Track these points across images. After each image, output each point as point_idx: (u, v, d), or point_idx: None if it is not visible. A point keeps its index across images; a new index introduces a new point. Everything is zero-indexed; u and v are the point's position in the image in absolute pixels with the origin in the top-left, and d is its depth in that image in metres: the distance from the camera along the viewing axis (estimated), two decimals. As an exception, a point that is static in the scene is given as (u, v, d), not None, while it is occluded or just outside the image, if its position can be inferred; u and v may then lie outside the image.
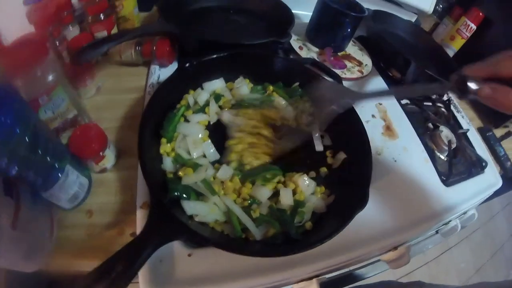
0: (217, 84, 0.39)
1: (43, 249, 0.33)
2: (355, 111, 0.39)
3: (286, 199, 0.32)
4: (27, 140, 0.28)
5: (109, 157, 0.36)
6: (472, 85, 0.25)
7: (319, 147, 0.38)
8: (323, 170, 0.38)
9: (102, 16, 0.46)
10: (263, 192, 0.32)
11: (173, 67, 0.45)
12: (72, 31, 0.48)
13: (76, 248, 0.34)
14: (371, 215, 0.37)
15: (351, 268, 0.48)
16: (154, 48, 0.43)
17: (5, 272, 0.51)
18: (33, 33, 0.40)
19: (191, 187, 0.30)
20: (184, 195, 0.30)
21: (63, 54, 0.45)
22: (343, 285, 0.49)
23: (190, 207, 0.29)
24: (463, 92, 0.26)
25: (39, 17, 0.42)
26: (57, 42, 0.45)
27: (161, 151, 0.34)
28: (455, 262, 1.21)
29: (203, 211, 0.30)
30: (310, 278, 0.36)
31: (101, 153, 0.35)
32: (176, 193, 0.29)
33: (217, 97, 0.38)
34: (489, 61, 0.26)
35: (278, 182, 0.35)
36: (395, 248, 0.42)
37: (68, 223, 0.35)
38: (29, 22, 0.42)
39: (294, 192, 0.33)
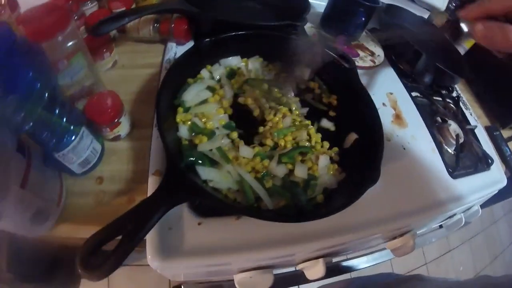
0: (234, 61, 0.40)
1: (50, 214, 0.33)
2: (369, 95, 0.40)
3: (301, 173, 0.32)
4: (46, 98, 0.29)
5: (123, 125, 0.37)
6: (465, 26, 0.25)
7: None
8: (335, 149, 0.38)
9: (121, -7, 0.47)
10: (280, 169, 0.33)
11: (189, 46, 0.45)
12: (91, 7, 0.49)
13: (84, 214, 0.34)
14: (379, 197, 0.38)
15: (356, 254, 0.48)
16: (172, 25, 0.44)
17: (6, 249, 0.51)
18: (54, 0, 0.41)
19: (206, 154, 0.31)
20: (199, 161, 0.30)
21: (80, 30, 0.46)
22: (343, 272, 0.49)
23: (205, 172, 0.30)
24: (457, 34, 0.26)
25: (59, -8, 0.43)
26: (76, 18, 0.46)
27: (178, 119, 0.34)
28: (454, 265, 1.20)
29: (217, 178, 0.30)
30: (317, 258, 0.36)
31: (116, 120, 0.35)
32: (191, 159, 0.30)
33: (230, 73, 0.39)
34: (480, 1, 0.26)
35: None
36: (401, 235, 0.42)
37: (78, 190, 0.35)
38: (50, -4, 0.43)
39: (309, 168, 0.34)
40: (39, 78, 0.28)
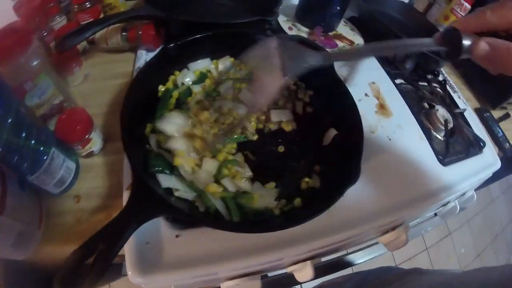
0: (203, 64, 0.39)
1: (33, 237, 0.33)
2: (346, 87, 0.39)
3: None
4: (10, 123, 0.28)
5: (95, 141, 0.36)
6: (466, 41, 0.21)
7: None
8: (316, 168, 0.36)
9: (88, 4, 0.46)
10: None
11: (160, 51, 0.45)
12: (59, 22, 0.48)
13: (65, 234, 0.34)
14: (367, 193, 0.37)
15: (349, 251, 0.47)
16: (140, 32, 0.43)
17: (3, 268, 0.51)
18: (17, 21, 0.40)
19: (168, 161, 0.30)
20: (159, 168, 0.29)
21: (51, 45, 0.45)
22: (340, 269, 0.48)
23: (165, 180, 0.29)
24: (456, 50, 0.21)
25: (26, 10, 0.43)
26: (45, 33, 0.45)
27: (147, 130, 0.33)
28: (455, 247, 1.19)
29: (180, 186, 0.29)
30: (304, 260, 0.35)
31: (86, 136, 0.35)
32: (155, 168, 0.29)
33: (202, 77, 0.37)
34: (479, 12, 0.22)
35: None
36: (393, 229, 0.41)
37: (57, 210, 0.35)
38: (17, 15, 0.43)
39: None
40: (-1, 106, 0.27)
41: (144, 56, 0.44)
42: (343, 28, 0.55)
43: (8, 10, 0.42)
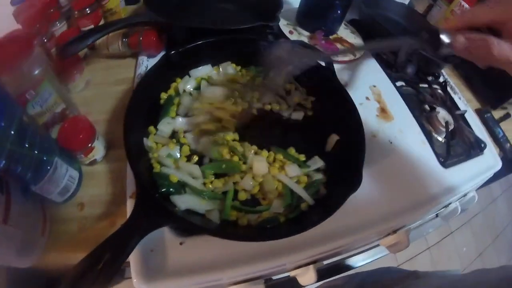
0: (204, 70, 0.39)
1: (36, 244, 0.33)
2: (347, 92, 0.39)
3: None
4: (12, 134, 0.28)
5: (98, 149, 0.36)
6: (445, 38, 0.24)
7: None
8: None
9: (88, 10, 0.46)
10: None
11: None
12: (60, 28, 0.48)
13: (69, 241, 0.34)
14: (368, 198, 0.37)
15: (350, 253, 0.48)
16: (141, 38, 0.43)
17: (6, 272, 0.51)
18: (18, 29, 0.40)
19: (179, 182, 0.30)
20: (172, 190, 0.29)
21: (52, 51, 0.45)
22: (341, 272, 0.48)
23: (181, 201, 0.29)
24: (436, 46, 0.24)
25: (26, 16, 0.42)
26: (45, 39, 0.45)
27: (150, 138, 0.33)
28: (457, 247, 1.19)
29: (194, 204, 0.30)
30: (307, 264, 0.36)
31: (89, 145, 0.35)
32: (164, 189, 0.29)
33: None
34: (462, 13, 0.25)
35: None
36: (394, 232, 0.42)
37: (61, 217, 0.35)
38: (17, 21, 0.42)
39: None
40: (2, 115, 0.27)
41: (145, 62, 0.44)
42: (344, 31, 0.55)
43: (8, 17, 0.42)
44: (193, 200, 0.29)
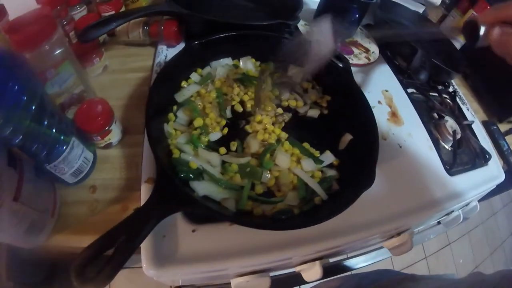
0: (224, 62, 0.39)
1: (45, 225, 0.33)
2: (363, 93, 0.39)
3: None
4: (33, 110, 0.28)
5: (115, 132, 0.36)
6: (482, 29, 0.25)
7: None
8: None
9: (110, -4, 0.46)
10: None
11: (180, 47, 0.45)
12: (80, 12, 0.48)
13: (78, 224, 0.34)
14: (377, 198, 0.37)
15: (354, 253, 0.48)
16: (162, 28, 0.43)
17: (6, 257, 0.51)
18: (41, 8, 0.40)
19: (198, 169, 0.30)
20: (191, 175, 0.30)
21: (70, 35, 0.45)
22: (343, 271, 0.49)
23: (200, 187, 0.29)
24: (474, 36, 0.25)
25: (46, -2, 0.42)
26: (65, 23, 0.45)
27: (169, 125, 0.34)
28: (454, 258, 1.20)
29: (213, 192, 0.30)
30: (313, 260, 0.36)
31: (107, 128, 0.35)
32: (183, 175, 0.29)
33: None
34: (496, 7, 0.25)
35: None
36: (398, 234, 0.42)
37: (71, 199, 0.35)
38: (37, 2, 0.43)
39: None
40: (25, 90, 0.27)
41: (165, 52, 0.44)
42: (359, 35, 0.56)
43: (29, -2, 0.42)
44: (211, 187, 0.30)
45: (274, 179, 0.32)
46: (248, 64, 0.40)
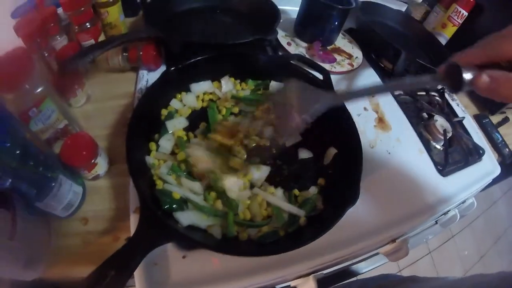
0: (205, 86, 0.39)
1: (42, 258, 0.33)
2: (345, 106, 0.39)
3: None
4: (18, 152, 0.29)
5: (101, 164, 0.37)
6: (467, 75, 0.22)
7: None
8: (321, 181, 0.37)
9: (88, 25, 0.46)
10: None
11: (161, 71, 0.45)
12: (60, 41, 0.48)
13: (73, 255, 0.34)
14: (367, 209, 0.37)
15: (350, 262, 0.48)
16: (140, 53, 0.43)
17: (10, 285, 0.52)
18: (19, 47, 0.41)
19: (181, 198, 0.31)
20: (174, 206, 0.30)
21: (52, 65, 0.45)
22: (342, 279, 0.49)
23: (184, 217, 0.30)
24: (457, 84, 0.22)
25: (26, 29, 0.43)
26: (46, 53, 0.45)
27: (151, 155, 0.34)
28: (458, 250, 1.20)
29: (197, 220, 0.30)
30: (307, 275, 0.36)
31: (92, 161, 0.35)
32: (167, 206, 0.30)
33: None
34: (481, 45, 0.22)
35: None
36: (393, 241, 0.42)
37: (65, 231, 0.35)
38: (17, 35, 0.43)
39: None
40: (7, 136, 0.28)
41: (146, 76, 0.44)
42: (341, 41, 0.56)
43: (8, 30, 0.43)
44: (195, 215, 0.30)
45: (247, 210, 0.32)
46: (228, 85, 0.40)
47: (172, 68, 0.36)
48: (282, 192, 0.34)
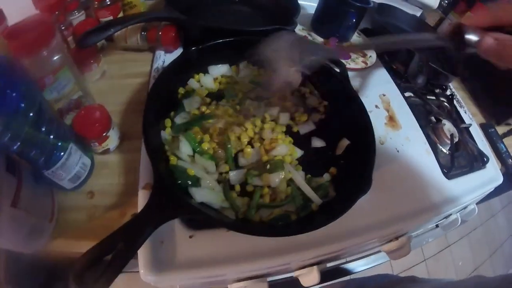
0: (222, 69, 0.39)
1: (44, 230, 0.33)
2: (360, 99, 0.39)
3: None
4: (32, 116, 0.28)
5: (112, 139, 0.36)
6: (471, 36, 0.22)
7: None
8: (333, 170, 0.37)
9: (108, 2, 0.47)
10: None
11: (178, 53, 0.45)
12: (78, 17, 0.48)
13: (76, 229, 0.34)
14: (374, 202, 0.37)
15: (352, 258, 0.48)
16: (160, 33, 0.43)
17: (5, 261, 0.51)
18: (40, 14, 0.40)
19: (196, 176, 0.30)
20: (189, 182, 0.30)
21: (69, 40, 0.45)
22: (342, 275, 0.49)
23: (199, 194, 0.29)
24: (460, 44, 0.22)
25: (45, 3, 0.43)
26: (63, 28, 0.45)
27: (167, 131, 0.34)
28: (454, 260, 1.20)
29: (211, 199, 0.30)
30: (311, 265, 0.36)
31: (104, 134, 0.35)
32: (181, 181, 0.30)
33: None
34: (488, 9, 0.23)
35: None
36: (396, 238, 0.42)
37: (69, 205, 0.35)
38: (35, 8, 0.43)
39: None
40: (23, 97, 0.27)
41: (162, 57, 0.44)
42: (356, 40, 0.56)
43: (27, 3, 0.43)
44: (210, 194, 0.30)
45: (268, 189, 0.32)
46: (245, 71, 0.40)
47: (193, 48, 0.36)
48: (304, 175, 0.34)
